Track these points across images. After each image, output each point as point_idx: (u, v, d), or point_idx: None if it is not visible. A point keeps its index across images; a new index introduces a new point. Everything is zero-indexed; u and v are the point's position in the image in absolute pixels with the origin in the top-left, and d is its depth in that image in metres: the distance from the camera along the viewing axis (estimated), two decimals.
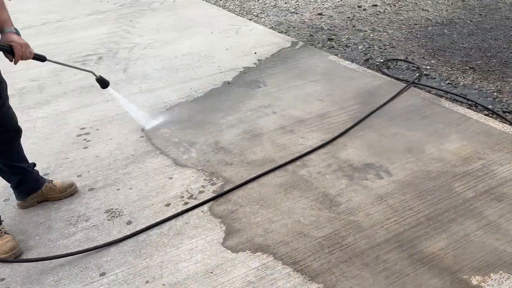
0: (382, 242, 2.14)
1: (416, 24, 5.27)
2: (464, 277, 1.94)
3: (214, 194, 2.52)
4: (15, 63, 1.97)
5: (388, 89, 3.66)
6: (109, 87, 2.68)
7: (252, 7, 6.30)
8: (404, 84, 3.70)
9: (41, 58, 2.11)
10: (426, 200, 2.39)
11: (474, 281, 1.92)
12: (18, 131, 2.30)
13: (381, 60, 4.28)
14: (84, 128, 3.27)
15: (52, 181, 2.53)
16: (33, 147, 3.02)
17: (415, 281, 1.93)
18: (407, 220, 2.27)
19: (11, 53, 1.94)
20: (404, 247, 2.10)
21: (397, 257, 2.05)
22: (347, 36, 5.01)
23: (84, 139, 3.12)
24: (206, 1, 6.65)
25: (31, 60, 2.08)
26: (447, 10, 5.81)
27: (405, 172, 2.63)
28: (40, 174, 2.52)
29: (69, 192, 2.54)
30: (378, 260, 2.04)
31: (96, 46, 4.95)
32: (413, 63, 4.19)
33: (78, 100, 3.71)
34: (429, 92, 3.65)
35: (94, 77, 2.48)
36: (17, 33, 1.98)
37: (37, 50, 4.84)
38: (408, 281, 1.93)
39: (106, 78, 2.59)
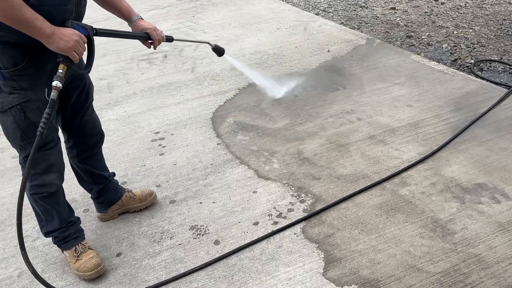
0: None
1: (505, 19, 4.77)
2: None
3: (305, 214, 2.29)
4: (155, 48, 1.96)
5: (486, 94, 3.27)
6: (225, 55, 2.52)
7: (318, 1, 5.98)
8: (504, 89, 3.30)
9: (170, 39, 2.04)
10: None
11: None
12: (101, 136, 2.18)
13: (472, 61, 3.87)
14: (158, 132, 3.13)
15: (131, 190, 2.39)
16: (108, 152, 2.90)
17: None
18: None
19: (148, 39, 1.91)
20: None
21: None
22: (427, 33, 4.60)
23: (160, 145, 2.98)
24: None
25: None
26: None
27: None
28: (118, 181, 2.39)
29: (149, 200, 2.40)
30: None
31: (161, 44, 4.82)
32: (510, 65, 3.75)
33: (149, 101, 3.58)
34: None
35: (210, 47, 2.39)
36: (142, 18, 1.95)
37: (101, 47, 4.79)
38: None
39: (220, 46, 2.43)
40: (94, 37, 1.71)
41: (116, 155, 2.90)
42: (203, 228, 2.25)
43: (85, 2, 1.75)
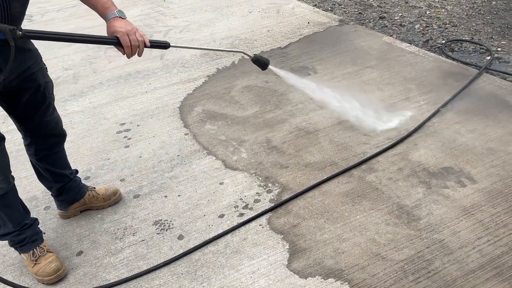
0: (477, 268, 1.82)
1: None
2: None
3: (271, 204, 2.25)
4: (127, 57, 1.59)
5: (456, 75, 3.25)
6: (271, 67, 1.96)
7: None
8: (474, 70, 3.28)
9: (163, 45, 1.64)
10: None
11: None
12: (63, 136, 2.07)
13: (443, 42, 3.84)
14: (124, 123, 3.03)
15: (94, 188, 2.31)
16: (71, 145, 2.81)
17: None
18: (503, 240, 1.94)
19: (119, 45, 1.56)
20: (504, 275, 1.78)
21: None
22: (400, 14, 4.55)
23: (125, 137, 2.89)
24: None
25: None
26: None
27: (492, 179, 2.27)
28: (81, 178, 2.31)
29: (113, 200, 2.33)
30: None
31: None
32: (481, 45, 3.73)
33: (115, 91, 3.47)
34: (505, 79, 3.22)
35: (250, 58, 1.87)
36: (122, 16, 1.58)
37: None
38: None
39: (263, 57, 1.91)
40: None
41: (79, 149, 2.81)
42: (167, 223, 2.20)
43: None
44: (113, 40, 1.55)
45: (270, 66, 1.94)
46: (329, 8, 4.83)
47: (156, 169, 2.58)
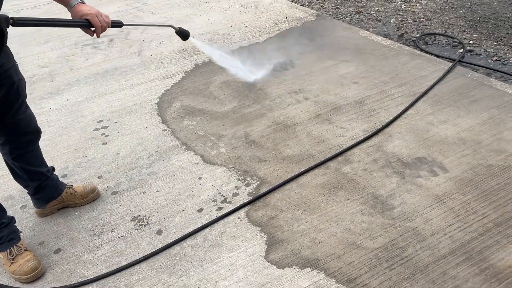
0: (448, 253, 1.89)
1: None
2: None
3: (250, 197, 2.28)
4: (98, 36, 1.77)
5: (429, 68, 3.32)
6: (190, 38, 2.35)
7: None
8: (447, 62, 3.36)
9: (118, 24, 1.86)
10: (491, 202, 2.12)
11: None
12: (37, 133, 2.06)
13: (418, 35, 3.92)
14: (101, 120, 3.02)
15: (72, 185, 2.30)
16: (48, 144, 2.79)
17: None
18: (472, 226, 2.01)
19: (89, 27, 1.73)
20: (473, 260, 1.85)
21: (467, 272, 1.80)
22: (376, 8, 4.62)
23: (103, 134, 2.87)
24: None
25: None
26: None
27: (463, 168, 2.35)
28: (58, 176, 2.29)
29: (91, 197, 2.32)
30: (446, 276, 1.79)
31: (105, 31, 4.62)
32: (453, 38, 3.82)
33: (93, 88, 3.44)
34: (476, 71, 3.31)
35: (174, 30, 2.22)
36: (83, 2, 1.76)
37: (44, 33, 4.55)
38: None
39: (185, 29, 2.25)
40: (15, 27, 1.53)
41: (56, 147, 2.78)
42: (145, 219, 2.20)
43: None
44: (83, 23, 1.72)
45: (191, 38, 2.31)
46: (307, 3, 4.87)
47: (134, 165, 2.57)
